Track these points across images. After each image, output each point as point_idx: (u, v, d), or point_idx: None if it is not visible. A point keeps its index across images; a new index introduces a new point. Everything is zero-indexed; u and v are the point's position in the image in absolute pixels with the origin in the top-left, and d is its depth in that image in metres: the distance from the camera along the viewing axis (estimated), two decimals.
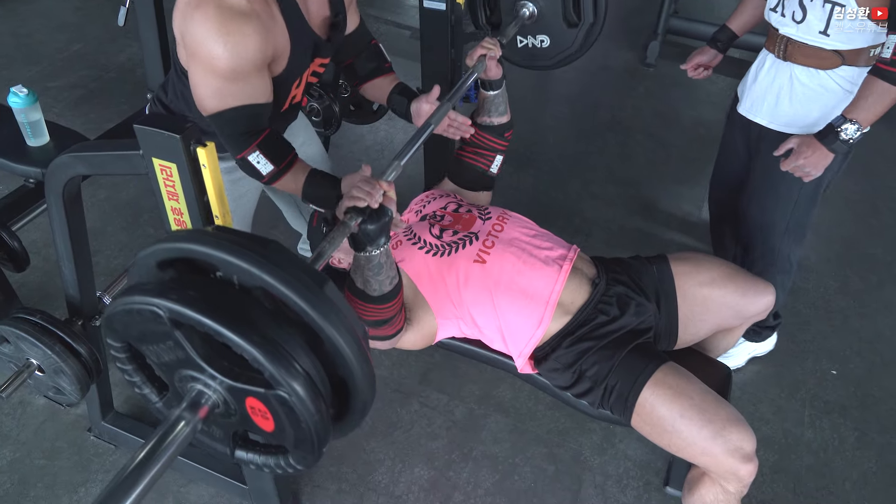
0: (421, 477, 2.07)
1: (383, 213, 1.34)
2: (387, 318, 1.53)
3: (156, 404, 1.07)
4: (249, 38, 1.40)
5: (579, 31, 2.09)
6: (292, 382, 0.87)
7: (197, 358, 0.91)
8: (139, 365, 1.04)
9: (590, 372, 1.65)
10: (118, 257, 2.69)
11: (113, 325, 0.98)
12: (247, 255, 0.89)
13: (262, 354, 0.86)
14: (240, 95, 1.46)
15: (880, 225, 3.06)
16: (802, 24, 1.80)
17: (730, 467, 1.51)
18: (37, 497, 1.96)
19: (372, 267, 1.41)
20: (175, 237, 0.96)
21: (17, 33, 4.11)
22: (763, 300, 1.77)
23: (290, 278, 0.89)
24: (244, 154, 1.53)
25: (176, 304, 0.87)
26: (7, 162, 2.09)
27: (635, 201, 3.15)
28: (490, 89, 1.88)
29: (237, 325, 0.86)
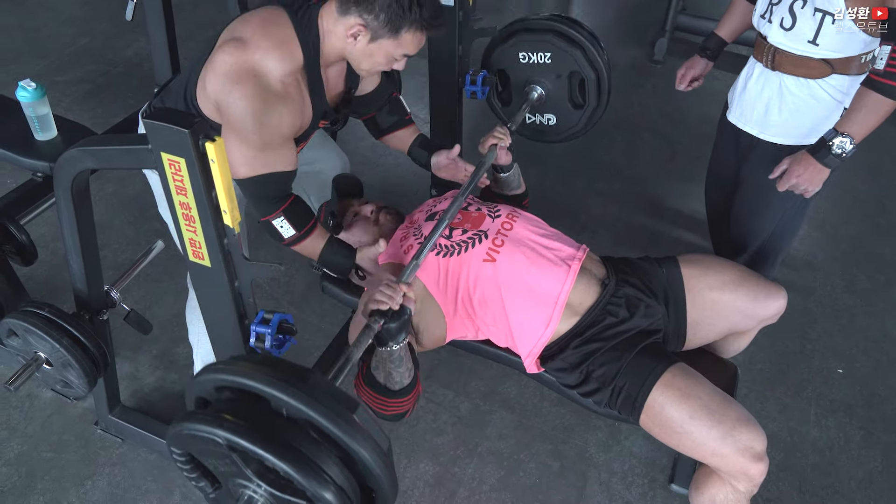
0: (426, 472, 2.07)
1: (403, 312, 1.46)
2: (405, 411, 1.62)
3: (210, 495, 1.26)
4: (284, 118, 1.54)
5: (584, 112, 2.24)
6: (328, 497, 1.04)
7: (250, 473, 1.09)
8: (196, 466, 1.22)
9: (597, 373, 1.65)
10: (125, 251, 2.70)
11: (177, 441, 1.16)
12: (290, 391, 1.05)
13: (303, 477, 1.03)
14: (269, 164, 1.57)
15: (888, 224, 3.05)
16: (791, 32, 1.77)
17: (741, 467, 1.50)
18: (44, 489, 1.97)
19: (393, 360, 1.51)
20: (231, 370, 1.11)
21: (24, 27, 4.12)
22: (775, 304, 1.76)
23: (327, 409, 1.05)
24: (269, 218, 1.64)
25: (232, 435, 1.04)
26: (15, 156, 2.09)
27: (642, 199, 3.14)
28: (502, 172, 2.02)
29: (282, 452, 1.03)
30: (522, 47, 2.15)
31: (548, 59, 2.13)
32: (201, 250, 1.32)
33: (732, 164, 2.17)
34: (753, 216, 2.11)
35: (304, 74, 1.59)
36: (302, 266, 2.67)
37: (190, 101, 1.62)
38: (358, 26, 1.52)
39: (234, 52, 1.48)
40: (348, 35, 1.54)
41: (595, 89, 2.17)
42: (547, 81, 2.19)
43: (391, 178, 3.20)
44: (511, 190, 2.07)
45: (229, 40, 1.51)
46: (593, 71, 2.13)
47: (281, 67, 1.51)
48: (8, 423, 2.13)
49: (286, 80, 1.53)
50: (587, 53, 2.11)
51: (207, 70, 1.53)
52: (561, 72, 2.15)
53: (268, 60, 1.49)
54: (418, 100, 3.43)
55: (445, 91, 2.29)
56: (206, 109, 1.60)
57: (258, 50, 1.49)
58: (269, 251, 2.68)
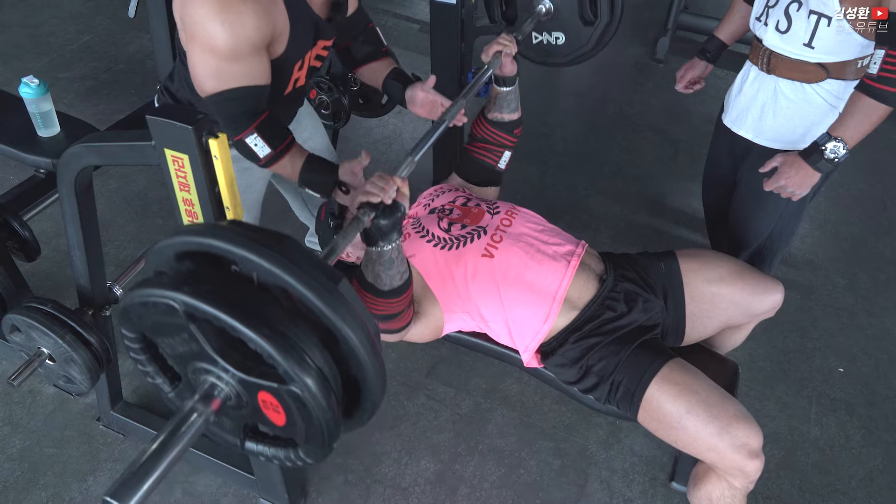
0: (427, 469, 2.07)
1: (396, 209, 1.34)
2: (396, 312, 1.54)
3: (168, 394, 1.07)
4: (247, 17, 1.40)
5: (595, 29, 2.09)
6: (305, 378, 0.87)
7: (211, 351, 0.92)
8: (152, 355, 1.04)
9: (596, 367, 1.65)
10: (127, 248, 2.71)
11: (128, 317, 0.98)
12: (263, 251, 0.89)
13: (276, 350, 0.86)
14: (238, 77, 1.45)
15: (889, 223, 3.05)
16: (787, 35, 1.76)
17: (736, 463, 1.51)
18: (46, 485, 1.98)
19: (383, 262, 1.42)
20: (195, 230, 0.96)
21: (27, 24, 4.12)
22: (772, 298, 1.77)
23: (306, 275, 0.89)
24: (242, 136, 1.52)
25: (192, 298, 0.88)
26: (18, 152, 2.10)
27: (643, 197, 3.15)
28: (503, 85, 1.88)
29: (251, 320, 0.87)
30: None
31: None
32: None
33: (728, 166, 2.17)
34: (751, 218, 2.11)
35: None
36: None
37: (180, 54, 1.56)
38: None
39: None
40: None
41: (608, 2, 2.04)
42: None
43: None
44: (508, 111, 1.94)
45: None
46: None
47: None
48: (10, 419, 2.13)
49: None
50: None
51: None
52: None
53: None
54: None
55: (447, 88, 2.29)
56: (184, 45, 1.51)
57: None
58: None
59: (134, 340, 1.02)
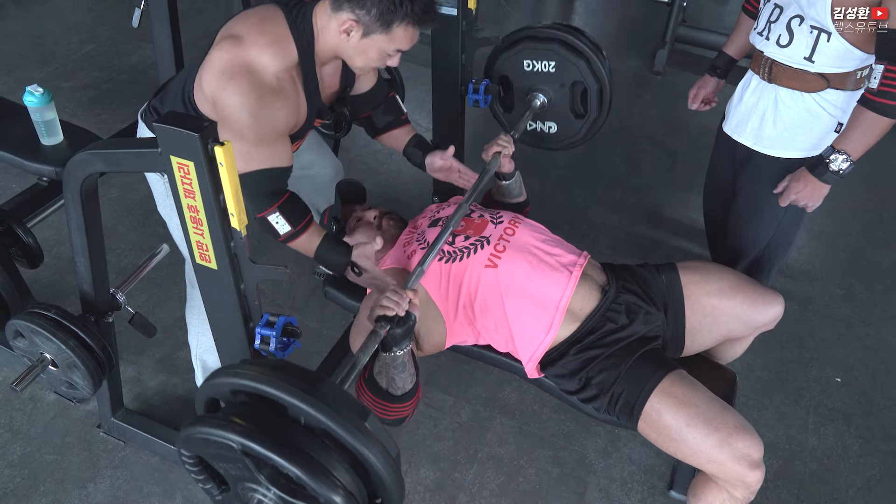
0: (426, 478, 2.08)
1: (408, 319, 1.48)
2: (405, 416, 1.63)
3: (217, 497, 1.28)
4: (279, 112, 1.55)
5: (585, 122, 2.25)
6: (336, 500, 1.06)
7: (261, 478, 1.12)
8: (204, 467, 1.23)
9: (596, 379, 1.66)
10: (128, 256, 2.72)
11: (189, 445, 1.17)
12: (306, 398, 1.08)
13: (314, 481, 1.05)
14: (264, 160, 1.58)
15: (886, 235, 3.07)
16: (788, 49, 1.79)
17: (737, 474, 1.52)
18: (46, 491, 1.98)
19: (397, 365, 1.53)
20: (247, 374, 1.13)
21: (30, 34, 4.15)
22: (772, 310, 1.78)
23: (342, 419, 1.08)
24: (264, 213, 1.64)
25: (248, 440, 1.06)
26: (22, 160, 2.11)
27: (642, 208, 3.16)
28: (504, 180, 2.04)
29: (295, 456, 1.05)
30: (527, 55, 2.16)
31: (552, 68, 2.15)
32: (208, 253, 1.34)
33: (729, 174, 2.19)
34: (749, 227, 2.12)
35: (299, 71, 1.60)
36: (304, 272, 2.69)
37: (188, 100, 1.63)
38: (350, 22, 1.53)
39: (229, 48, 1.50)
40: (341, 31, 1.56)
41: (597, 100, 2.18)
42: (550, 90, 2.21)
43: (393, 185, 3.22)
44: (513, 198, 2.09)
45: (225, 38, 1.53)
46: (596, 82, 2.15)
47: (276, 63, 1.52)
48: (11, 426, 2.14)
49: (281, 76, 1.54)
50: (591, 64, 2.13)
51: (204, 68, 1.54)
52: (564, 81, 2.17)
53: (263, 56, 1.51)
54: (421, 108, 3.46)
55: (448, 99, 2.31)
56: (203, 108, 1.61)
57: (253, 46, 1.50)
58: (270, 256, 2.70)
59: (191, 459, 1.21)
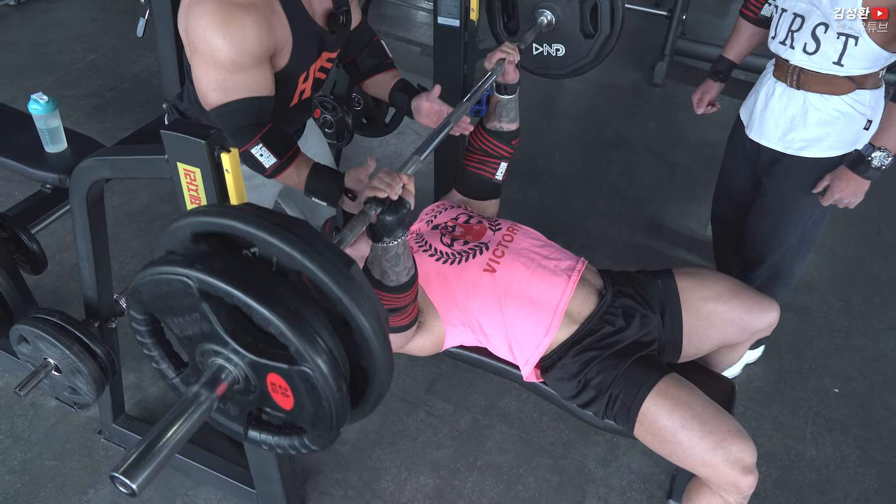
0: (426, 485, 2.09)
1: (402, 205, 1.36)
2: (402, 305, 1.53)
3: (172, 380, 1.08)
4: (249, 29, 1.42)
5: (595, 42, 2.12)
6: (317, 358, 0.88)
7: (222, 332, 0.92)
8: (159, 339, 1.05)
9: (594, 381, 1.67)
10: (131, 263, 2.73)
11: (138, 296, 0.97)
12: (280, 232, 0.90)
13: (289, 329, 0.86)
14: (242, 88, 1.48)
15: (884, 246, 3.09)
16: (815, 55, 1.82)
17: (730, 478, 1.53)
18: (47, 497, 1.99)
19: (389, 258, 1.42)
20: (213, 212, 0.96)
21: (34, 42, 4.18)
22: (768, 316, 1.80)
23: (320, 257, 0.90)
24: (247, 146, 1.55)
25: (207, 275, 0.88)
26: (26, 167, 2.13)
27: (640, 218, 3.18)
28: (505, 93, 1.90)
29: (266, 298, 0.87)
30: None
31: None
32: None
33: (747, 179, 2.22)
34: (776, 227, 2.16)
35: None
36: None
37: (188, 72, 1.59)
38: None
39: None
40: None
41: (608, 15, 2.06)
42: (557, 6, 2.08)
43: None
44: (508, 121, 1.96)
45: None
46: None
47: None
48: (12, 432, 2.14)
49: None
50: None
51: (178, 14, 1.47)
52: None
53: None
54: None
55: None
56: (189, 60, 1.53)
57: None
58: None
59: (142, 322, 1.02)
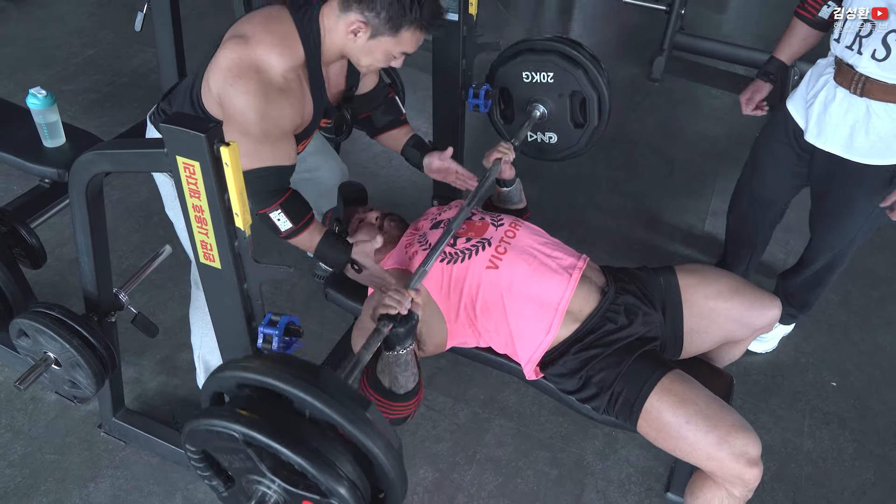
0: (425, 478, 2.09)
1: (411, 318, 1.50)
2: (407, 415, 1.65)
3: (222, 494, 1.28)
4: (285, 111, 1.57)
5: (585, 131, 2.27)
6: (342, 492, 1.07)
7: (265, 470, 1.12)
8: (210, 463, 1.24)
9: (596, 378, 1.68)
10: (130, 258, 2.73)
11: (193, 438, 1.18)
12: (308, 388, 1.09)
13: (318, 471, 1.06)
14: (268, 157, 1.60)
15: (882, 241, 3.09)
16: (885, 62, 1.80)
17: (736, 472, 1.54)
18: (47, 491, 1.99)
19: (400, 364, 1.55)
20: (253, 368, 1.15)
21: (32, 37, 4.17)
22: (769, 313, 1.80)
23: (342, 408, 1.08)
24: (266, 210, 1.66)
25: (250, 430, 1.07)
26: (24, 162, 2.13)
27: (640, 214, 3.19)
28: (505, 186, 2.06)
29: (298, 446, 1.06)
30: (526, 67, 2.19)
31: (550, 79, 2.17)
32: (212, 252, 1.36)
33: (787, 179, 2.25)
34: (836, 229, 2.19)
35: (305, 70, 1.62)
36: (304, 274, 2.71)
37: (196, 101, 1.65)
38: (358, 23, 1.55)
39: (236, 48, 1.52)
40: (349, 31, 1.57)
41: (596, 109, 2.20)
42: (549, 100, 2.23)
43: (393, 188, 3.24)
44: (513, 204, 2.11)
45: (232, 37, 1.55)
46: (594, 91, 2.17)
47: (282, 63, 1.54)
48: (12, 426, 2.15)
49: (287, 76, 1.56)
50: (589, 74, 2.15)
51: (211, 67, 1.56)
52: (563, 91, 2.19)
53: (269, 56, 1.52)
54: (421, 113, 3.48)
55: (448, 104, 2.33)
56: (210, 108, 1.63)
57: (260, 45, 1.52)
58: (273, 257, 2.71)
59: (197, 456, 1.22)
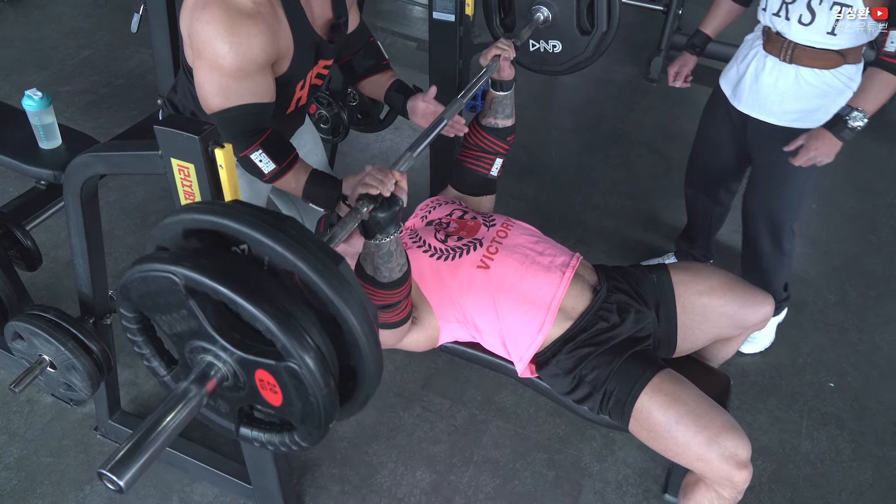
0: (423, 480, 2.09)
1: (394, 202, 1.34)
2: (394, 302, 1.51)
3: (164, 377, 1.07)
4: (254, 38, 1.44)
5: (592, 38, 2.11)
6: (304, 355, 0.87)
7: (209, 328, 0.91)
8: (149, 337, 1.05)
9: (589, 377, 1.67)
10: (126, 259, 2.73)
11: (128, 294, 0.97)
12: (268, 230, 0.90)
13: (276, 325, 0.86)
14: (244, 94, 1.49)
15: (879, 241, 3.10)
16: (810, 27, 1.91)
17: (724, 473, 1.53)
18: (43, 494, 1.99)
19: (382, 255, 1.40)
20: (205, 209, 0.95)
21: (28, 38, 4.16)
22: (762, 310, 1.80)
23: (308, 255, 0.89)
24: (246, 152, 1.56)
25: (192, 272, 0.88)
26: (20, 164, 2.12)
27: (637, 213, 3.18)
28: (500, 90, 1.90)
29: (252, 295, 0.86)
30: None
31: None
32: None
33: (730, 151, 2.35)
34: (779, 193, 2.26)
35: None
36: None
37: (185, 67, 1.59)
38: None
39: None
40: None
41: (605, 11, 2.05)
42: (554, 3, 2.07)
43: None
44: (503, 117, 1.94)
45: None
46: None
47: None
48: (8, 428, 2.14)
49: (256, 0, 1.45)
50: None
51: (182, 13, 1.48)
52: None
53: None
54: None
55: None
56: (190, 60, 1.55)
57: None
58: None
59: (132, 320, 1.02)
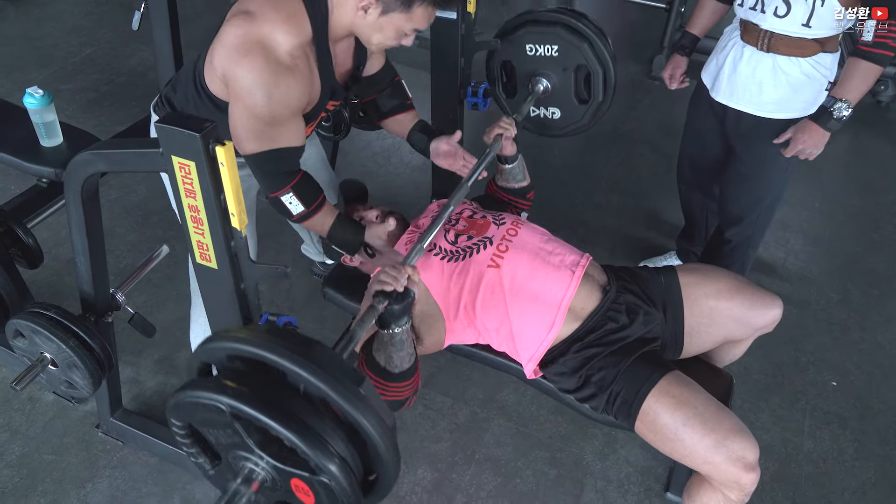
0: (424, 478, 2.09)
1: (407, 295, 1.47)
2: (404, 398, 1.62)
3: (209, 472, 1.24)
4: (292, 90, 1.51)
5: (589, 107, 2.22)
6: (333, 469, 1.03)
7: (252, 445, 1.08)
8: (196, 440, 1.20)
9: (595, 377, 1.67)
10: (127, 257, 2.73)
11: (178, 411, 1.14)
12: (301, 362, 1.05)
13: (309, 448, 1.02)
14: (277, 139, 1.56)
15: (882, 239, 3.09)
16: (785, 19, 1.91)
17: (732, 476, 1.52)
18: (45, 491, 1.98)
19: (395, 343, 1.52)
20: (245, 339, 1.10)
21: (29, 36, 4.16)
22: (771, 312, 1.79)
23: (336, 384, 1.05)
24: (278, 194, 1.63)
25: (236, 402, 1.03)
26: (22, 162, 2.12)
27: (639, 211, 3.18)
28: (507, 163, 2.02)
29: (289, 422, 1.03)
30: (530, 39, 2.12)
31: (555, 52, 2.11)
32: (208, 252, 1.35)
33: (715, 142, 2.33)
34: (755, 185, 2.25)
35: (312, 48, 1.56)
36: (303, 273, 2.70)
37: (199, 81, 1.61)
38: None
39: (242, 24, 1.46)
40: (359, 8, 1.51)
41: (601, 84, 2.14)
42: (553, 74, 2.16)
43: (392, 188, 3.23)
44: (516, 182, 2.06)
45: (237, 14, 1.49)
46: (600, 65, 2.12)
47: (289, 40, 1.48)
48: (9, 426, 2.14)
49: (294, 53, 1.50)
50: (594, 48, 2.10)
51: (215, 45, 1.52)
52: (567, 65, 2.13)
53: (276, 33, 1.46)
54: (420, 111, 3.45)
55: (447, 102, 2.32)
56: (213, 86, 1.58)
57: (266, 22, 1.46)
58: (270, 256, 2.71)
59: (182, 431, 1.17)
